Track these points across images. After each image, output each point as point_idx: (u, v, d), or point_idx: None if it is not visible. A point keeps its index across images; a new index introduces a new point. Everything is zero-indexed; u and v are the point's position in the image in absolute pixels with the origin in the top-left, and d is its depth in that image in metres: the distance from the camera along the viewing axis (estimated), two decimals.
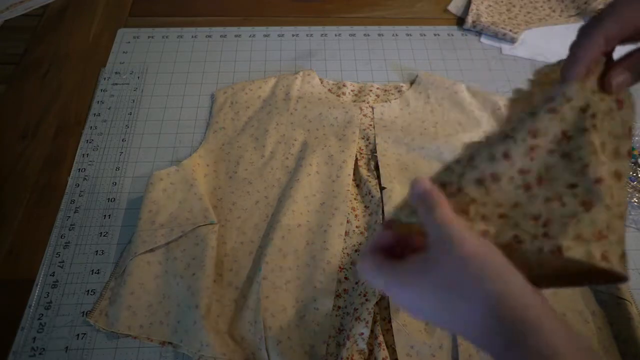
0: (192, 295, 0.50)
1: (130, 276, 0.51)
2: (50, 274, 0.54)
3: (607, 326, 0.51)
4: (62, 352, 0.49)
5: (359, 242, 0.56)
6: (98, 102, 0.70)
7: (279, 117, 0.67)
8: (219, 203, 0.59)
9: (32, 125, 0.68)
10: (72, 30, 0.80)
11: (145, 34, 0.80)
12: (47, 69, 0.75)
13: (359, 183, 0.61)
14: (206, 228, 0.54)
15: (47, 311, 0.51)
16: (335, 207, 0.57)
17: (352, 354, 0.47)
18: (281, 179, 0.61)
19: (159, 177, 0.58)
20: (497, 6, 0.85)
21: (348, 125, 0.66)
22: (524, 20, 0.83)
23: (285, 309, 0.50)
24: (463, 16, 0.84)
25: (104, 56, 0.76)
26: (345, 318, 0.51)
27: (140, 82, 0.73)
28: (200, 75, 0.74)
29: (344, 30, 0.82)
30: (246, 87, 0.70)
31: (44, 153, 0.65)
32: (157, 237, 0.54)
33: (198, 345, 0.47)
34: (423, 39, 0.81)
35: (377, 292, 0.51)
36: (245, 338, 0.49)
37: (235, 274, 0.54)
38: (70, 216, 0.58)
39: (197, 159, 0.62)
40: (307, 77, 0.71)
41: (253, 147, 0.64)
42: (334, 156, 0.62)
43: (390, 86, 0.72)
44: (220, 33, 0.80)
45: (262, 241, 0.56)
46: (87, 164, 0.63)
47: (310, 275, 0.53)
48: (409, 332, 0.49)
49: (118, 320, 0.49)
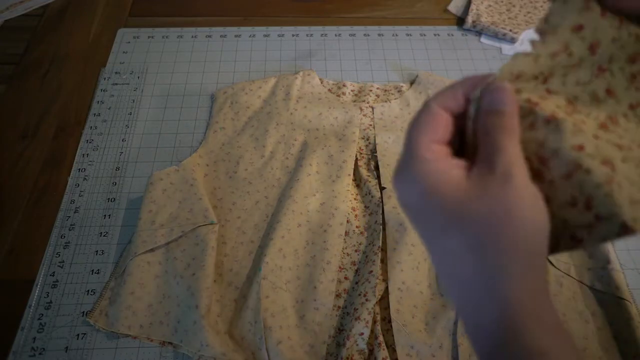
0: (192, 295, 0.50)
1: (130, 276, 0.51)
2: (50, 274, 0.54)
3: (607, 326, 0.51)
4: (62, 352, 0.49)
5: (359, 242, 0.56)
6: (98, 102, 0.70)
7: (279, 117, 0.67)
8: (219, 203, 0.59)
9: (32, 125, 0.68)
10: (72, 30, 0.80)
11: (145, 34, 0.80)
12: (47, 69, 0.75)
13: (359, 183, 0.61)
14: (206, 228, 0.54)
15: (47, 311, 0.51)
16: (335, 207, 0.57)
17: (352, 354, 0.47)
18: (281, 179, 0.61)
19: (159, 177, 0.58)
20: (497, 6, 0.85)
21: (348, 125, 0.66)
22: (524, 20, 0.83)
23: (285, 309, 0.50)
24: (463, 16, 0.84)
25: (104, 56, 0.76)
26: (345, 318, 0.51)
27: (140, 82, 0.73)
28: (200, 75, 0.74)
29: (344, 30, 0.82)
30: (246, 87, 0.70)
31: (44, 153, 0.65)
32: (157, 237, 0.54)
33: (198, 345, 0.47)
34: (423, 39, 0.81)
35: (377, 292, 0.51)
36: (245, 338, 0.49)
37: (235, 274, 0.54)
38: (70, 216, 0.58)
39: (197, 159, 0.62)
40: (307, 77, 0.71)
41: (253, 147, 0.64)
42: (334, 156, 0.62)
43: (390, 86, 0.72)
44: (220, 33, 0.80)
45: (262, 241, 0.56)
46: (87, 164, 0.63)
47: (310, 275, 0.53)
48: (409, 332, 0.49)
49: (118, 320, 0.49)
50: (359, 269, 0.54)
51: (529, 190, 0.23)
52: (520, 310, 0.22)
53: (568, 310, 0.51)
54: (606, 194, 0.22)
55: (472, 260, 0.23)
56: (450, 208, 0.23)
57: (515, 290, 0.22)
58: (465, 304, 0.24)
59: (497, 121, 0.24)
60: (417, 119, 0.26)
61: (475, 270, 0.23)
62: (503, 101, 0.24)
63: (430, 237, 0.25)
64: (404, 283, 0.52)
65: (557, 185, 0.23)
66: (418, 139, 0.25)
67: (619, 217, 0.22)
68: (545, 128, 0.24)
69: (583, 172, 0.23)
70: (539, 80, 0.25)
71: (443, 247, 0.24)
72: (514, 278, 0.22)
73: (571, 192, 0.23)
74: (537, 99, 0.24)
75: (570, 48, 0.24)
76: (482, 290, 0.23)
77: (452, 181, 0.24)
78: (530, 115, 0.24)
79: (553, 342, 0.22)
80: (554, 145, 0.23)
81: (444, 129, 0.25)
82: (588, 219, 0.23)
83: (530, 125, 0.24)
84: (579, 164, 0.23)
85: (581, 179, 0.23)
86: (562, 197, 0.23)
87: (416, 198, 0.24)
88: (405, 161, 0.25)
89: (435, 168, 0.24)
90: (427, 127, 0.25)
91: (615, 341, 0.50)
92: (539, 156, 0.24)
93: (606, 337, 0.50)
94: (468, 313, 0.24)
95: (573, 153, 0.23)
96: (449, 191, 0.23)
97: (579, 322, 0.51)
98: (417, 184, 0.24)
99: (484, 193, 0.23)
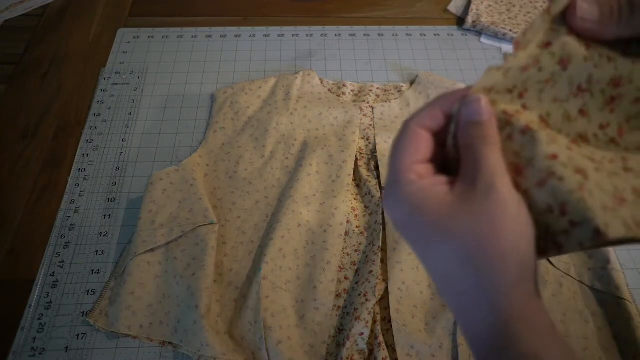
0: (192, 295, 0.50)
1: (130, 276, 0.51)
2: (50, 274, 0.54)
3: (607, 326, 0.51)
4: (62, 352, 0.49)
5: (359, 242, 0.56)
6: (98, 102, 0.70)
7: (279, 117, 0.67)
8: (219, 203, 0.59)
9: (32, 125, 0.68)
10: (72, 30, 0.80)
11: (145, 34, 0.80)
12: (47, 69, 0.75)
13: (359, 183, 0.61)
14: (206, 228, 0.54)
15: (47, 311, 0.51)
16: (335, 207, 0.57)
17: (352, 354, 0.47)
18: (281, 179, 0.61)
19: (159, 177, 0.58)
20: (497, 6, 0.85)
21: (348, 125, 0.66)
22: (524, 20, 0.83)
23: (285, 309, 0.50)
24: (463, 16, 0.84)
25: (104, 56, 0.76)
26: (345, 318, 0.51)
27: (140, 82, 0.73)
28: (200, 75, 0.74)
29: (344, 30, 0.82)
30: (246, 87, 0.70)
31: (44, 153, 0.65)
32: (157, 237, 0.54)
33: (198, 345, 0.47)
34: (423, 39, 0.81)
35: (377, 292, 0.51)
36: (245, 338, 0.49)
37: (235, 274, 0.54)
38: (70, 216, 0.58)
39: (197, 159, 0.62)
40: (307, 77, 0.71)
41: (253, 147, 0.64)
42: (334, 156, 0.62)
43: (390, 86, 0.72)
44: (220, 33, 0.80)
45: (262, 241, 0.56)
46: (87, 164, 0.63)
47: (310, 275, 0.53)
48: (409, 332, 0.49)
49: (118, 320, 0.49)
50: (359, 269, 0.54)
51: (512, 199, 0.23)
52: (513, 317, 0.22)
53: (568, 310, 0.51)
54: (579, 199, 0.22)
55: (463, 273, 0.23)
56: (437, 224, 0.24)
57: (507, 299, 0.23)
58: (459, 311, 0.25)
59: (476, 132, 0.24)
60: (398, 141, 0.27)
61: (467, 282, 0.23)
62: (480, 111, 0.25)
63: (421, 251, 0.26)
64: (404, 283, 0.52)
65: (532, 193, 0.24)
66: (400, 162, 0.26)
67: (591, 222, 0.22)
68: (522, 138, 0.24)
69: (556, 179, 0.23)
70: (514, 94, 0.25)
71: (434, 260, 0.25)
72: (505, 287, 0.23)
73: (545, 200, 0.23)
74: (513, 112, 0.25)
75: (541, 63, 0.25)
76: (475, 299, 0.23)
77: (436, 198, 0.24)
78: (508, 126, 0.25)
79: (546, 345, 0.22)
80: (529, 154, 0.24)
81: (425, 149, 0.26)
82: (564, 225, 0.23)
83: (507, 136, 0.25)
84: (552, 171, 0.23)
85: (554, 186, 0.23)
86: (539, 205, 0.24)
87: (403, 216, 0.25)
88: (389, 183, 0.26)
89: (419, 187, 0.25)
90: (408, 149, 0.26)
91: (615, 341, 0.50)
92: (515, 166, 0.24)
93: (606, 337, 0.50)
94: (463, 319, 0.25)
95: (547, 161, 0.23)
96: (433, 208, 0.24)
97: (579, 322, 0.51)
98: (403, 204, 0.25)
99: (467, 208, 0.23)
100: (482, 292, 0.23)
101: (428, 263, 0.25)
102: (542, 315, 0.23)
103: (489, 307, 0.23)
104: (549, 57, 0.25)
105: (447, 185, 0.25)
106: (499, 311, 0.23)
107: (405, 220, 0.25)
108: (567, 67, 0.25)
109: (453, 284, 0.24)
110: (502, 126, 0.25)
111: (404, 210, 0.25)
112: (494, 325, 0.23)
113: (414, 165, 0.26)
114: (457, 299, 0.25)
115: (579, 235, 0.23)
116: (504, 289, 0.23)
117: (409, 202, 0.25)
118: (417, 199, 0.25)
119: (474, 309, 0.24)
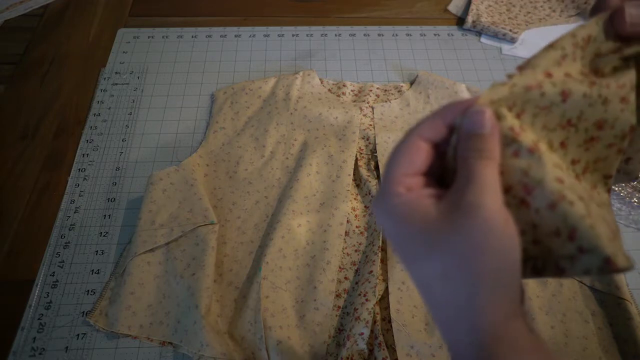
0: (192, 295, 0.50)
1: (130, 276, 0.51)
2: (50, 274, 0.54)
3: (607, 326, 0.51)
4: (62, 352, 0.49)
5: (359, 242, 0.56)
6: (98, 102, 0.70)
7: (279, 117, 0.67)
8: (219, 203, 0.59)
9: (32, 125, 0.68)
10: (72, 30, 0.80)
11: (145, 34, 0.80)
12: (47, 69, 0.75)
13: (359, 183, 0.61)
14: (206, 228, 0.54)
15: (47, 311, 0.51)
16: (335, 207, 0.57)
17: (352, 354, 0.47)
18: (281, 179, 0.61)
19: (159, 177, 0.58)
20: (497, 6, 0.85)
21: (348, 125, 0.66)
22: (524, 20, 0.83)
23: (285, 309, 0.50)
24: (463, 16, 0.84)
25: (104, 56, 0.76)
26: (345, 318, 0.51)
27: (140, 82, 0.73)
28: (200, 75, 0.74)
29: (344, 30, 0.82)
30: (246, 87, 0.70)
31: (44, 153, 0.65)
32: (157, 237, 0.54)
33: (198, 345, 0.47)
34: (423, 39, 0.81)
35: (377, 292, 0.51)
36: (245, 338, 0.49)
37: (235, 274, 0.54)
38: (70, 216, 0.58)
39: (197, 159, 0.62)
40: (307, 77, 0.71)
41: (253, 147, 0.64)
42: (334, 156, 0.62)
43: (390, 86, 0.72)
44: (220, 33, 0.80)
45: (262, 241, 0.56)
46: (87, 164, 0.63)
47: (310, 275, 0.53)
48: (409, 332, 0.49)
49: (118, 320, 0.49)
50: (359, 269, 0.54)
51: (498, 219, 0.22)
52: (493, 336, 0.22)
53: (568, 310, 0.51)
54: (590, 226, 0.22)
55: (443, 288, 0.23)
56: (420, 239, 0.24)
57: (487, 317, 0.22)
58: (442, 328, 0.25)
59: (475, 145, 0.24)
60: (394, 151, 0.26)
61: (447, 298, 0.23)
62: (482, 124, 0.24)
63: (407, 264, 0.25)
64: (404, 283, 0.52)
65: (542, 214, 0.24)
66: (391, 173, 0.26)
67: (602, 250, 0.22)
68: (529, 157, 0.24)
69: (567, 203, 0.23)
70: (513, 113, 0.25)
71: (418, 273, 0.25)
72: (485, 306, 0.22)
73: (555, 223, 0.23)
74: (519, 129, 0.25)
75: (544, 88, 0.25)
76: (455, 316, 0.23)
77: (421, 211, 0.24)
78: (514, 143, 0.24)
79: None
80: (538, 175, 0.24)
81: (419, 161, 0.26)
82: (571, 251, 0.23)
83: (514, 153, 0.24)
84: (563, 194, 0.23)
85: (565, 210, 0.23)
86: (547, 227, 0.23)
87: (390, 227, 0.25)
88: (379, 194, 0.26)
89: (404, 200, 0.25)
90: (403, 160, 0.26)
91: (615, 341, 0.50)
92: (524, 184, 0.24)
93: (606, 337, 0.50)
94: (446, 337, 0.24)
95: (556, 184, 0.23)
96: (417, 221, 0.24)
97: (579, 322, 0.51)
98: (390, 216, 0.25)
99: (449, 226, 0.23)
100: (463, 312, 0.23)
101: (413, 276, 0.25)
102: (524, 334, 0.23)
103: (470, 326, 0.23)
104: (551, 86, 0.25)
105: (433, 199, 0.24)
106: (478, 331, 0.22)
107: (391, 231, 0.25)
108: (567, 100, 0.25)
109: (436, 300, 0.24)
110: (509, 142, 0.24)
111: (389, 221, 0.25)
112: (475, 344, 0.22)
113: (405, 178, 0.25)
114: (439, 316, 0.24)
115: (587, 262, 0.22)
116: (484, 309, 0.22)
117: (394, 214, 0.25)
118: (402, 212, 0.24)
119: (456, 328, 0.23)
